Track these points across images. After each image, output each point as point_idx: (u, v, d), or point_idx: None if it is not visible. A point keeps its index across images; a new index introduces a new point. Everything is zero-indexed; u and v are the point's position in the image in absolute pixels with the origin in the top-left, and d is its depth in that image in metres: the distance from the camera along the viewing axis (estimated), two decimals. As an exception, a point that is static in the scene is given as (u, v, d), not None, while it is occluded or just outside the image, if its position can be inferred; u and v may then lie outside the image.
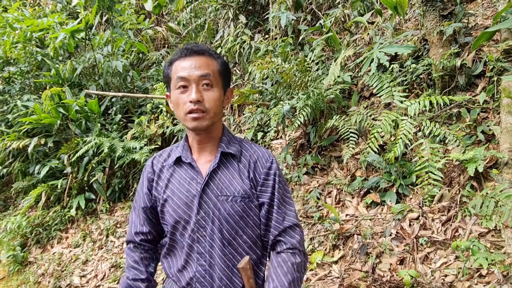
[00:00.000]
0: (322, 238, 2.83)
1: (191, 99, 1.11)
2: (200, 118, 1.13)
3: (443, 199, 2.55)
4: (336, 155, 3.47)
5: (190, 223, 1.18)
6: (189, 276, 1.18)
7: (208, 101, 1.13)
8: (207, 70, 1.14)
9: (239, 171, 1.21)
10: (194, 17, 5.97)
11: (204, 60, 1.15)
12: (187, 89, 1.13)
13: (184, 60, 1.15)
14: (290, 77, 3.61)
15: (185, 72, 1.13)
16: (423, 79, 3.19)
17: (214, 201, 1.17)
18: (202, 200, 1.17)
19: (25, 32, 5.26)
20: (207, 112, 1.13)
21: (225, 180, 1.19)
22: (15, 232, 4.61)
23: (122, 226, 4.33)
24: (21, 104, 4.94)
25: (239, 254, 1.18)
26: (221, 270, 1.16)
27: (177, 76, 1.14)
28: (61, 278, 3.83)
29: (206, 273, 1.17)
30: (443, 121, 2.91)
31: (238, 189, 1.18)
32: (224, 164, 1.21)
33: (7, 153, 5.28)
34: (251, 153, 1.25)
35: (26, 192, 5.11)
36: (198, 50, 1.16)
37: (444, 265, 2.16)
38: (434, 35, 2.99)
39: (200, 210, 1.17)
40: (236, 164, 1.22)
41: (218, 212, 1.17)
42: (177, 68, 1.15)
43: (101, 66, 5.13)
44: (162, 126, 4.66)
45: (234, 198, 1.17)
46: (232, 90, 1.28)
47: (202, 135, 1.20)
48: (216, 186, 1.18)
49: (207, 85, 1.14)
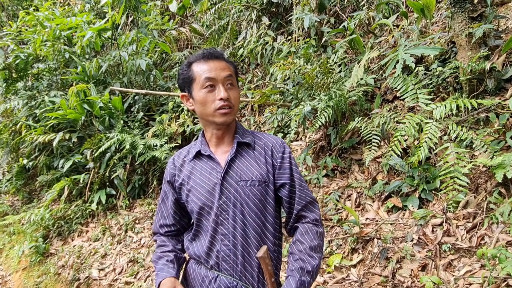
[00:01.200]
0: (341, 241, 2.79)
1: (222, 96, 1.24)
2: (228, 113, 1.27)
3: (468, 206, 2.47)
4: (356, 158, 3.41)
5: (213, 208, 1.29)
6: (215, 255, 1.29)
7: (233, 98, 1.29)
8: (230, 72, 1.29)
9: (255, 158, 1.33)
10: (218, 18, 6.03)
11: (224, 63, 1.30)
12: (214, 88, 1.26)
13: (207, 63, 1.27)
14: (312, 78, 3.59)
15: (212, 74, 1.26)
16: (449, 82, 3.10)
17: (235, 187, 1.28)
18: (223, 187, 1.28)
19: (55, 30, 5.43)
20: (233, 108, 1.28)
21: (243, 167, 1.31)
22: (38, 224, 4.75)
23: (141, 222, 4.39)
24: (48, 99, 5.10)
25: (258, 234, 1.29)
26: (243, 248, 1.28)
27: (205, 77, 1.25)
28: (80, 270, 3.91)
29: (231, 252, 1.28)
30: (470, 126, 2.83)
31: (255, 174, 1.29)
32: (240, 153, 1.33)
33: (34, 147, 5.45)
34: (264, 141, 1.37)
35: (50, 185, 5.26)
36: (218, 55, 1.31)
37: (468, 273, 2.08)
38: (462, 37, 2.91)
39: (222, 195, 1.28)
40: (251, 152, 1.34)
41: (239, 196, 1.28)
42: (202, 70, 1.27)
43: (126, 64, 5.24)
44: (182, 125, 4.71)
45: (252, 182, 1.28)
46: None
47: (223, 129, 1.33)
48: (235, 173, 1.30)
49: (231, 85, 1.29)
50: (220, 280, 1.28)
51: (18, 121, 5.36)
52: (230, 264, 1.28)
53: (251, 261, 1.28)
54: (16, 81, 5.62)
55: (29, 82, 5.77)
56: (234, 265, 1.28)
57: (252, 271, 1.28)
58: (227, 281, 1.27)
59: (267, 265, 1.24)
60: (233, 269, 1.28)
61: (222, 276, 1.28)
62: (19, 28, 5.92)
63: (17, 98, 5.43)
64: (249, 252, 1.28)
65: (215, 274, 1.30)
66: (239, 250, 1.27)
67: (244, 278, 1.28)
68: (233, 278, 1.27)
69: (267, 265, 1.24)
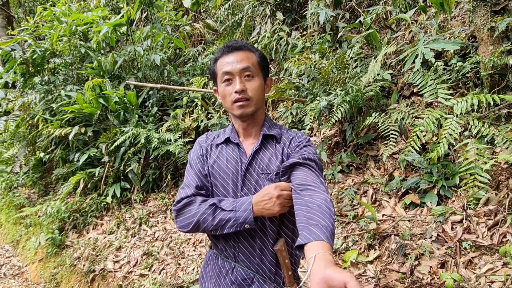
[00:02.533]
0: (357, 237, 2.76)
1: (236, 89, 1.25)
2: (245, 106, 1.28)
3: (489, 203, 2.42)
4: (372, 154, 3.38)
5: (234, 197, 1.30)
6: (233, 246, 1.30)
7: (251, 89, 1.28)
8: (247, 63, 1.28)
9: (277, 151, 1.33)
10: (231, 14, 6.02)
11: (244, 54, 1.29)
12: (232, 82, 1.28)
13: (226, 57, 1.29)
14: (328, 74, 3.56)
15: (229, 67, 1.27)
16: (469, 77, 3.04)
17: (256, 178, 1.29)
18: (246, 178, 1.30)
19: (71, 25, 5.49)
20: (251, 100, 1.28)
21: (265, 159, 1.31)
22: (54, 216, 4.82)
23: (155, 216, 4.43)
24: (65, 94, 5.16)
25: (275, 227, 1.29)
26: (261, 241, 1.28)
27: (222, 72, 1.28)
28: (95, 262, 3.96)
29: (248, 244, 1.28)
30: (491, 122, 2.77)
31: (276, 167, 1.29)
32: (265, 146, 1.34)
33: (50, 141, 5.53)
34: (288, 135, 1.38)
35: (65, 178, 5.33)
36: (238, 46, 1.31)
37: (490, 271, 2.04)
38: (484, 31, 2.85)
39: (243, 186, 1.30)
40: (276, 145, 1.34)
41: (259, 188, 1.27)
42: (222, 65, 1.29)
43: (140, 59, 5.28)
44: (196, 120, 4.72)
45: (271, 175, 1.29)
46: (271, 79, 1.41)
47: (247, 121, 1.34)
48: (258, 165, 1.31)
49: (248, 76, 1.28)
50: (237, 272, 1.29)
51: (35, 115, 5.44)
52: (247, 256, 1.28)
53: (268, 254, 1.28)
54: (33, 76, 5.70)
55: (45, 77, 5.85)
56: (251, 258, 1.28)
57: (269, 264, 1.28)
58: (244, 273, 1.28)
59: (284, 258, 1.23)
60: (250, 261, 1.28)
61: (239, 267, 1.29)
62: (36, 23, 6.00)
63: (34, 92, 5.51)
64: (267, 245, 1.28)
65: (232, 265, 1.30)
66: (257, 242, 1.27)
67: (261, 271, 1.28)
68: (250, 271, 1.27)
69: (284, 258, 1.23)
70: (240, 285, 1.28)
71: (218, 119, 4.46)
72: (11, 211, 5.96)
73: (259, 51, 1.35)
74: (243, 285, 1.27)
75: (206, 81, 4.82)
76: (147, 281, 3.35)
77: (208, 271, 1.39)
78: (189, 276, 3.20)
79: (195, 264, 3.35)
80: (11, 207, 6.02)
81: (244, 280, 1.27)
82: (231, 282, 1.28)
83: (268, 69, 1.38)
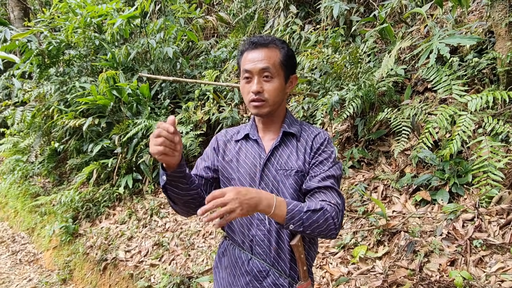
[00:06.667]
0: (366, 232, 2.76)
1: (252, 90, 1.27)
2: (260, 107, 1.28)
3: (502, 201, 2.39)
4: (384, 150, 3.35)
5: None
6: (250, 239, 1.33)
7: (268, 91, 1.27)
8: (268, 63, 1.26)
9: (297, 148, 1.34)
10: (245, 6, 5.99)
11: (267, 53, 1.27)
12: (251, 80, 1.29)
13: (250, 53, 1.29)
14: (341, 68, 3.53)
15: (249, 65, 1.27)
16: (485, 74, 2.98)
17: (274, 174, 1.30)
18: (264, 174, 1.31)
19: (85, 17, 5.55)
20: (267, 101, 1.28)
21: (284, 156, 1.32)
22: (67, 206, 4.93)
23: (166, 207, 4.49)
24: (79, 85, 5.23)
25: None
26: (277, 236, 1.30)
27: (243, 69, 1.30)
28: (107, 251, 4.04)
29: (265, 237, 1.30)
30: (506, 119, 2.72)
31: (295, 164, 1.30)
32: (284, 142, 1.35)
33: (64, 131, 5.63)
34: (309, 132, 1.38)
35: (79, 169, 5.43)
36: (263, 43, 1.29)
37: (501, 270, 2.02)
38: (502, 27, 2.78)
39: (261, 181, 1.31)
40: (295, 143, 1.35)
41: (277, 184, 1.30)
42: (244, 60, 1.30)
43: (153, 52, 5.31)
44: (208, 113, 4.74)
45: (290, 172, 1.29)
46: (297, 76, 1.40)
47: (265, 119, 1.37)
48: (277, 162, 1.32)
49: (267, 77, 1.27)
50: (253, 263, 1.31)
51: (51, 106, 5.54)
52: (263, 249, 1.30)
53: (285, 248, 1.30)
54: (48, 67, 5.78)
55: (60, 68, 5.94)
56: (268, 251, 1.30)
57: (285, 258, 1.30)
58: (260, 265, 1.30)
59: (299, 253, 1.26)
60: (266, 254, 1.30)
61: (255, 259, 1.31)
62: (52, 15, 6.08)
63: (50, 83, 5.60)
64: (283, 240, 1.29)
65: (248, 257, 1.33)
66: (273, 236, 1.29)
67: (276, 265, 1.30)
68: (266, 264, 1.30)
69: (300, 253, 1.26)
70: (255, 276, 1.30)
71: (229, 112, 4.48)
72: (27, 199, 6.10)
73: (286, 48, 1.32)
74: (258, 276, 1.30)
75: (218, 74, 4.83)
76: (158, 271, 3.42)
77: (223, 261, 1.42)
78: (199, 267, 3.25)
79: (205, 256, 3.40)
80: (27, 195, 6.17)
81: (260, 272, 1.30)
82: (247, 272, 1.31)
83: (294, 66, 1.35)
